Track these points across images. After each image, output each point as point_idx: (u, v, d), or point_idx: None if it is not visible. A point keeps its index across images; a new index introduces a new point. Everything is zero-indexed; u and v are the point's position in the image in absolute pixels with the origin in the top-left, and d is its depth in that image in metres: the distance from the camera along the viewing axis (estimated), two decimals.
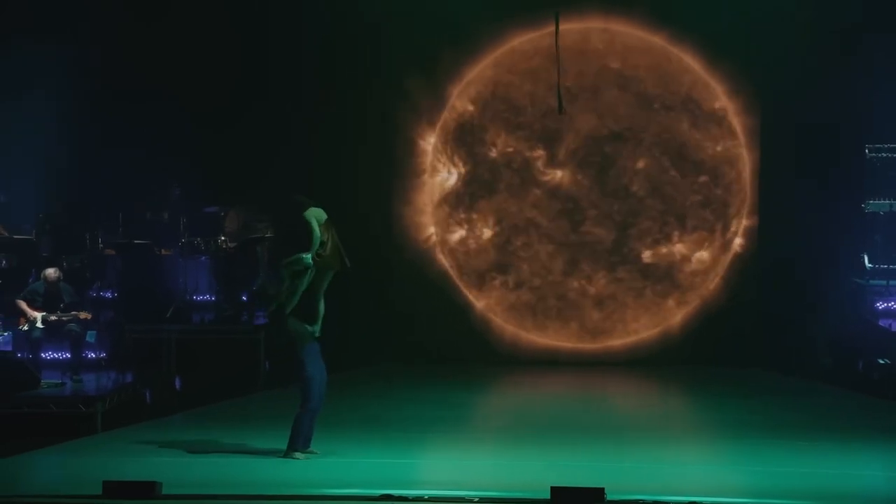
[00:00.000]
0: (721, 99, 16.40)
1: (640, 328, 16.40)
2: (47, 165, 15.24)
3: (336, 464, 10.08)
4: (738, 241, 16.42)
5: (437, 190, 16.67)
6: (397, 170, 16.68)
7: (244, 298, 15.60)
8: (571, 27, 16.18)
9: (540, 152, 16.53)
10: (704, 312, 16.36)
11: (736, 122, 16.42)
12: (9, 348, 13.39)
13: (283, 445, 10.12)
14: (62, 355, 13.56)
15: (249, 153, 15.94)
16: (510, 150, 16.53)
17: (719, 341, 16.09)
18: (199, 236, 15.41)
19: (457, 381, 14.73)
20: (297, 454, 10.08)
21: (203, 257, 15.52)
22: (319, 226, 10.05)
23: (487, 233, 16.60)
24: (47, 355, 13.54)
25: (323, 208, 10.15)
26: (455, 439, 11.53)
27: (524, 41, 16.41)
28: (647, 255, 16.42)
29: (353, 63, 16.31)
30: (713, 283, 16.43)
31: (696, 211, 16.43)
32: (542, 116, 16.38)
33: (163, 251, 15.46)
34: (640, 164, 16.40)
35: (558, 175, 16.53)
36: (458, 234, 16.65)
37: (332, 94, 16.20)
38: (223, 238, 15.42)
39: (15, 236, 14.92)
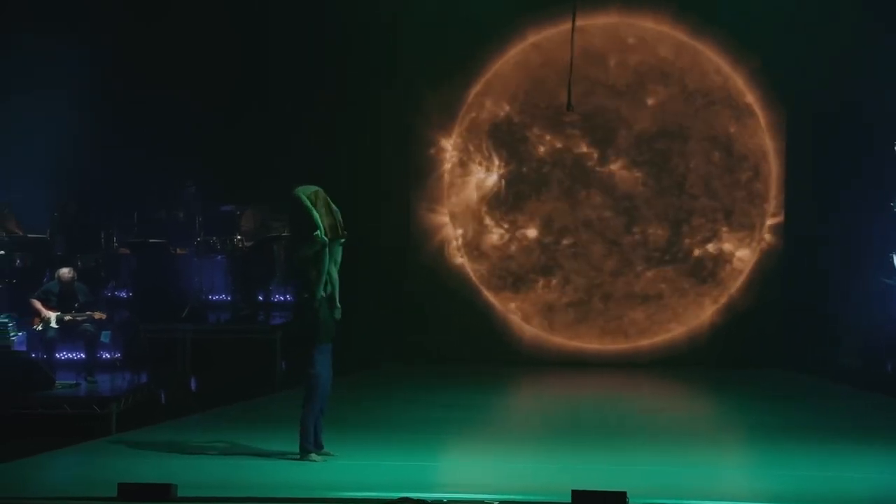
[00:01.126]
0: (748, 93, 16.35)
1: (675, 328, 16.33)
2: (61, 164, 15.31)
3: (353, 466, 10.11)
4: (765, 239, 16.36)
5: (469, 190, 16.52)
6: (417, 169, 16.63)
7: (260, 298, 15.64)
8: (595, 22, 16.16)
9: (590, 150, 16.44)
10: (731, 312, 16.30)
11: (762, 117, 16.36)
12: (23, 348, 13.46)
13: (298, 447, 10.16)
14: (77, 356, 13.62)
15: (265, 151, 15.96)
16: (557, 147, 16.39)
17: (744, 342, 16.04)
18: (214, 235, 15.45)
19: (478, 382, 14.71)
20: (314, 456, 10.12)
21: (219, 256, 15.56)
22: (311, 200, 10.18)
23: (532, 233, 16.50)
24: (62, 356, 13.60)
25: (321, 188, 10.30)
26: (475, 441, 11.54)
27: (548, 37, 16.34)
28: (696, 254, 16.35)
29: (372, 59, 16.29)
30: (741, 281, 16.38)
31: (743, 207, 16.39)
32: (591, 114, 16.32)
33: (178, 250, 15.50)
34: (692, 160, 16.33)
35: (610, 173, 16.41)
36: (495, 234, 16.55)
37: (348, 92, 16.18)
38: (239, 237, 15.46)
39: (29, 235, 14.99)
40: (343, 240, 10.34)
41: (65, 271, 13.33)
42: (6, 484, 9.60)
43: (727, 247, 16.39)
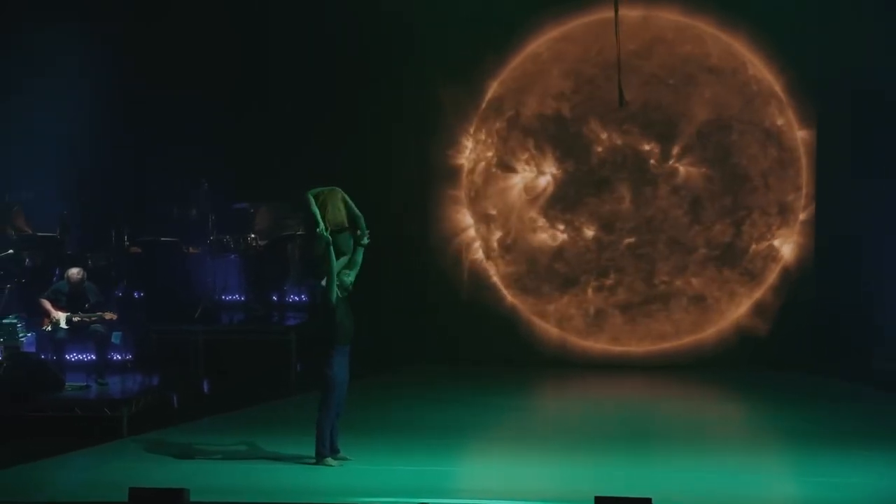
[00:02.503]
0: (778, 84, 16.28)
1: (715, 329, 16.27)
2: (72, 162, 15.35)
3: (370, 471, 10.10)
4: (799, 237, 16.27)
5: (509, 189, 16.43)
6: (441, 169, 16.58)
7: (274, 298, 15.64)
8: (626, 14, 16.12)
9: (651, 146, 16.38)
10: (767, 312, 16.22)
11: (792, 111, 16.29)
12: (32, 349, 13.50)
13: (314, 451, 10.16)
14: (87, 357, 13.65)
15: (280, 148, 15.97)
16: (615, 144, 16.26)
17: (778, 343, 15.96)
18: (227, 234, 15.46)
19: (499, 384, 14.68)
20: (330, 460, 10.12)
21: (232, 255, 15.57)
22: (316, 199, 10.23)
23: (588, 232, 16.40)
24: (72, 357, 13.63)
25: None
26: (495, 445, 11.53)
27: (580, 29, 16.23)
28: (751, 252, 16.27)
29: (394, 54, 16.24)
30: (780, 280, 16.29)
31: (795, 203, 16.32)
32: (647, 109, 16.23)
33: (190, 249, 15.52)
34: (752, 154, 16.25)
35: (673, 169, 16.32)
36: (541, 234, 16.47)
37: (369, 87, 16.15)
38: (253, 235, 15.47)
39: (39, 234, 15.03)
40: (364, 242, 10.35)
41: (74, 272, 13.36)
42: (15, 487, 9.64)
43: (776, 244, 16.29)
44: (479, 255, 16.63)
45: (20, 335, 13.40)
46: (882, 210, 15.55)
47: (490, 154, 16.59)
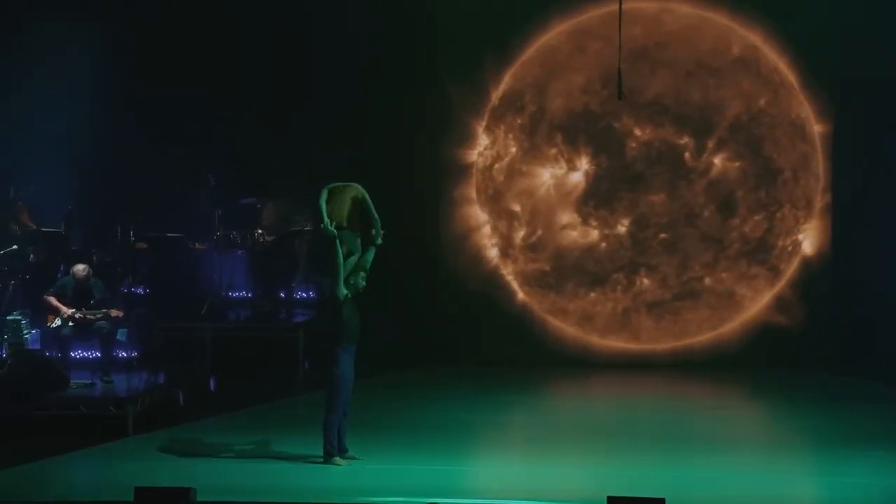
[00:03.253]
0: (793, 76, 16.24)
1: (736, 326, 16.24)
2: (76, 157, 15.38)
3: (379, 470, 10.11)
4: (817, 233, 16.24)
5: (544, 185, 16.34)
6: (450, 167, 16.56)
7: (282, 295, 15.65)
8: (640, 5, 16.09)
9: (686, 140, 16.28)
10: (787, 310, 16.18)
11: (810, 104, 16.25)
12: (37, 347, 13.52)
13: (322, 451, 10.16)
14: (92, 354, 13.67)
15: (288, 143, 15.97)
16: (647, 138, 16.18)
17: (795, 342, 15.92)
18: (234, 229, 15.47)
19: (512, 383, 14.67)
20: (337, 460, 10.13)
21: (239, 251, 15.58)
22: (330, 194, 10.24)
23: (621, 229, 16.28)
24: (76, 354, 13.65)
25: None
26: (506, 444, 11.51)
27: (601, 21, 16.16)
28: (779, 247, 16.22)
29: (412, 48, 16.21)
30: (800, 276, 16.25)
31: (814, 196, 16.28)
32: (678, 102, 16.18)
33: (197, 245, 15.54)
34: (783, 147, 16.19)
35: (709, 164, 16.25)
36: (570, 231, 16.39)
37: (381, 79, 16.12)
38: (260, 231, 15.48)
39: (43, 229, 15.06)
40: (377, 242, 10.32)
41: (80, 268, 13.37)
42: (19, 487, 9.66)
43: (800, 238, 16.24)
44: (494, 252, 16.58)
45: (24, 332, 13.41)
46: None
47: (513, 150, 16.51)
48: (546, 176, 16.45)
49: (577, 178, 16.39)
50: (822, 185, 16.20)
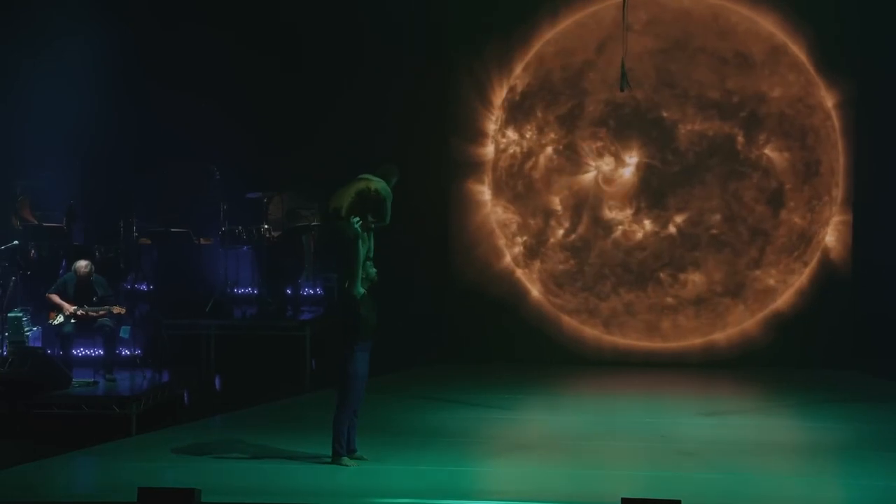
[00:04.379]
0: (812, 62, 16.21)
1: (751, 325, 16.22)
2: (79, 150, 15.41)
3: (388, 471, 10.12)
4: (837, 230, 16.22)
5: (587, 180, 16.27)
6: (471, 156, 16.54)
7: (289, 292, 15.67)
8: None
9: (735, 132, 16.13)
10: (810, 309, 16.15)
11: (829, 91, 16.22)
12: (38, 344, 13.56)
13: (331, 450, 10.17)
14: (94, 352, 13.71)
15: (295, 136, 15.98)
16: (698, 131, 16.10)
17: (814, 341, 15.89)
18: (240, 224, 15.48)
19: (525, 383, 14.66)
20: (346, 460, 10.14)
21: (245, 247, 15.60)
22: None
23: (670, 225, 16.16)
24: (78, 352, 13.69)
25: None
26: (518, 445, 11.51)
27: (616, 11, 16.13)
28: (818, 242, 16.19)
29: (419, 39, 16.20)
30: (822, 276, 16.22)
31: (835, 188, 16.24)
32: (722, 92, 16.09)
33: (202, 240, 15.56)
34: (827, 138, 16.12)
35: (757, 156, 16.10)
36: (616, 228, 16.30)
37: (392, 73, 16.11)
38: (266, 226, 15.49)
39: (44, 224, 15.10)
40: (371, 227, 10.32)
41: (82, 264, 13.40)
42: (20, 487, 9.69)
43: (830, 232, 16.22)
44: (520, 250, 16.53)
45: (26, 329, 13.46)
46: None
47: (549, 145, 16.44)
48: (591, 171, 16.36)
49: (621, 172, 16.28)
50: (842, 176, 16.16)
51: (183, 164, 15.68)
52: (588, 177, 16.37)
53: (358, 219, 10.14)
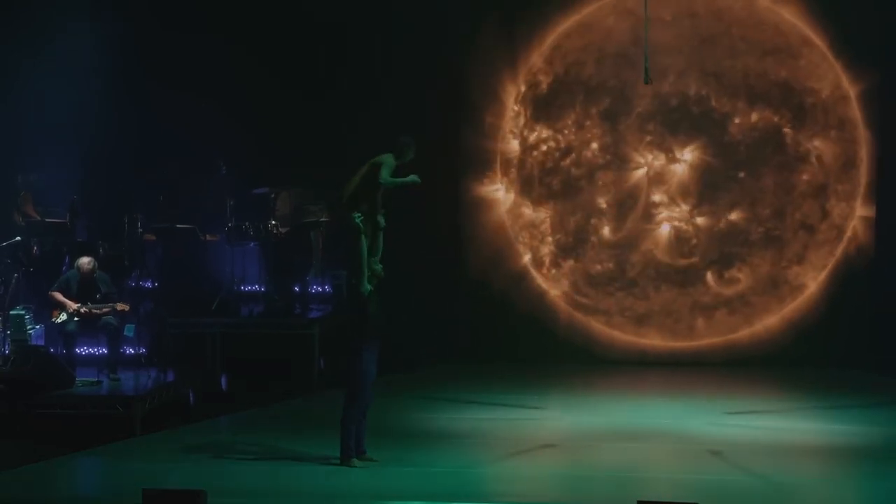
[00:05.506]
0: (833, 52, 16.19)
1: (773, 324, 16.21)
2: (82, 144, 15.44)
3: (398, 473, 10.13)
4: (857, 229, 16.19)
5: (635, 177, 16.23)
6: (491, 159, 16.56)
7: (296, 289, 15.69)
8: None
9: (783, 124, 16.05)
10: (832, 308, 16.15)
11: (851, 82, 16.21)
12: (41, 343, 13.59)
13: (339, 451, 10.19)
14: (98, 351, 13.74)
15: (303, 129, 15.98)
16: (751, 122, 16.06)
17: (833, 338, 15.87)
18: (247, 220, 15.49)
19: (539, 383, 14.66)
20: (355, 461, 10.15)
21: (252, 243, 15.61)
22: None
23: (722, 220, 16.15)
24: (82, 351, 13.73)
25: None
26: (531, 446, 11.51)
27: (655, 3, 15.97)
28: (846, 237, 16.17)
29: (449, 23, 16.21)
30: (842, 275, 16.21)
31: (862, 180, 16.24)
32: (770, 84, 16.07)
33: (208, 237, 15.58)
34: (862, 128, 16.11)
35: (805, 150, 16.09)
36: (663, 226, 16.18)
37: (407, 64, 16.12)
38: (274, 222, 15.51)
39: (47, 220, 15.13)
40: (381, 226, 10.32)
41: (85, 261, 13.43)
42: (22, 488, 9.72)
43: (857, 226, 16.22)
44: (550, 249, 16.51)
45: (28, 328, 13.49)
46: None
47: (593, 141, 16.40)
48: (641, 167, 16.29)
49: (670, 167, 16.24)
50: (867, 169, 16.14)
51: (188, 159, 15.71)
52: (634, 172, 16.30)
53: (360, 214, 10.13)
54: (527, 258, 16.57)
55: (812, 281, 16.19)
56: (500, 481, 10.23)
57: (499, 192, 16.61)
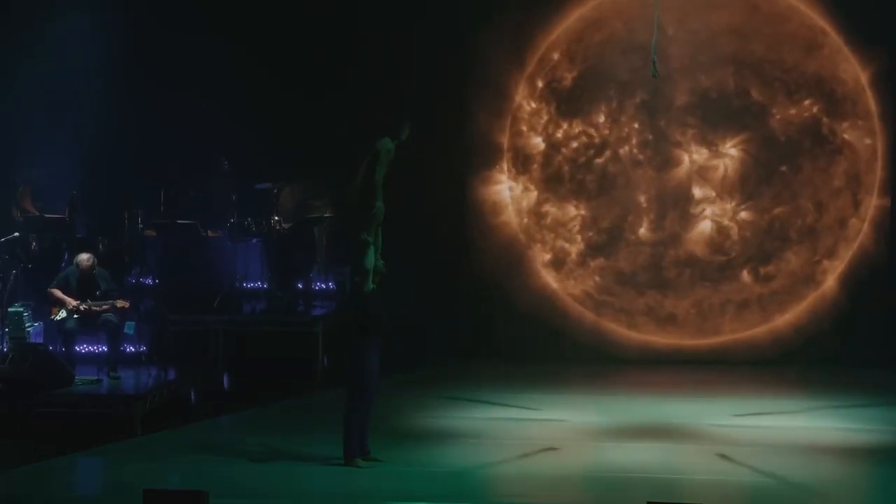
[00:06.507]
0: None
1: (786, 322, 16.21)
2: (82, 138, 15.46)
3: (403, 473, 10.14)
4: (868, 225, 16.19)
5: (679, 173, 16.16)
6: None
7: (300, 286, 15.70)
8: None
9: (819, 117, 16.01)
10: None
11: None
12: (40, 340, 13.61)
13: (343, 451, 10.20)
14: (98, 349, 13.76)
15: (307, 123, 15.99)
16: (791, 114, 15.97)
17: (850, 336, 15.86)
18: (249, 216, 15.52)
19: (547, 382, 14.65)
20: (359, 461, 10.16)
21: (254, 239, 15.63)
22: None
23: (763, 215, 16.12)
24: (81, 349, 13.74)
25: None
26: (539, 446, 11.52)
27: None
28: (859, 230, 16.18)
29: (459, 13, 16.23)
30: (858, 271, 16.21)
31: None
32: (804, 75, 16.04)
33: (209, 233, 15.59)
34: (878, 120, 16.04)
35: (844, 142, 16.08)
36: (705, 222, 16.14)
37: (421, 55, 16.12)
38: (277, 218, 15.53)
39: (46, 215, 15.15)
40: (378, 220, 10.32)
41: (84, 258, 13.44)
42: (20, 489, 9.74)
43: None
44: (579, 248, 16.49)
45: (26, 325, 13.51)
46: None
47: (630, 137, 16.36)
48: (683, 162, 16.27)
49: (713, 162, 16.21)
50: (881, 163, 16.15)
51: (188, 159, 15.73)
52: (672, 168, 16.28)
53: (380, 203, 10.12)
54: (545, 257, 16.54)
55: (831, 276, 16.18)
56: (506, 482, 10.24)
57: (512, 191, 16.56)
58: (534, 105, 16.54)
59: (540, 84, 16.52)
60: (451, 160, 16.21)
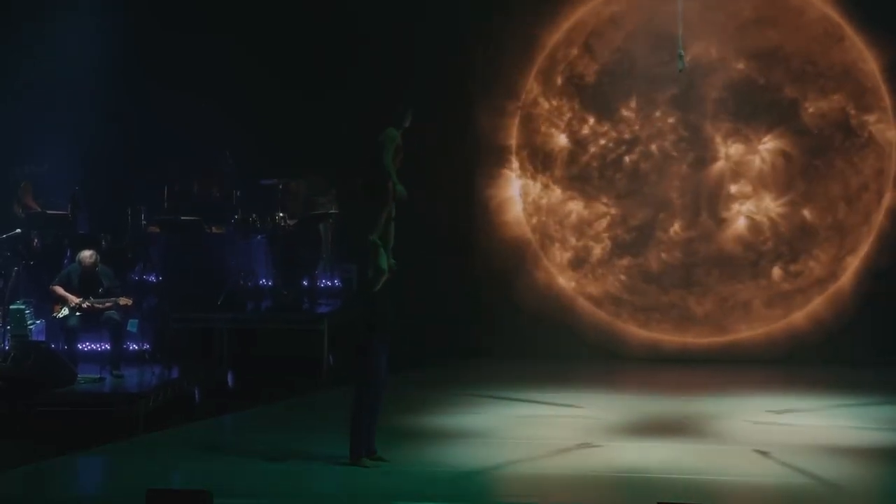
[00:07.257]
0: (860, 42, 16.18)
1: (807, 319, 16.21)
2: (85, 133, 15.49)
3: (409, 473, 10.15)
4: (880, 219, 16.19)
5: (714, 170, 16.11)
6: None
7: (305, 283, 15.71)
8: None
9: (849, 107, 16.00)
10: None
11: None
12: (42, 338, 13.64)
13: (348, 451, 10.21)
14: (101, 347, 13.79)
15: (313, 118, 16.01)
16: (823, 109, 15.96)
17: (858, 335, 15.85)
18: (254, 212, 15.54)
19: (553, 380, 14.65)
20: (365, 461, 10.17)
21: (259, 236, 15.65)
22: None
23: (800, 212, 16.12)
24: (84, 346, 13.78)
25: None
26: (546, 446, 11.52)
27: None
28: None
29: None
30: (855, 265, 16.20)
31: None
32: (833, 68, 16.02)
33: (214, 229, 15.61)
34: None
35: (870, 134, 16.05)
36: (740, 220, 16.14)
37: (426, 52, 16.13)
38: (282, 214, 15.54)
39: (48, 211, 15.17)
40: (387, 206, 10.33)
41: (86, 254, 13.47)
42: (22, 488, 9.76)
43: None
44: (605, 246, 16.48)
45: (28, 323, 13.54)
46: None
47: (662, 134, 16.33)
48: (720, 159, 16.24)
49: (747, 158, 16.19)
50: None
51: (188, 159, 15.75)
52: (704, 165, 16.25)
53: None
54: (566, 255, 16.53)
55: (845, 273, 16.17)
56: (514, 482, 10.24)
57: (525, 189, 16.56)
58: (553, 102, 16.51)
59: (559, 81, 16.49)
60: (452, 160, 16.24)
